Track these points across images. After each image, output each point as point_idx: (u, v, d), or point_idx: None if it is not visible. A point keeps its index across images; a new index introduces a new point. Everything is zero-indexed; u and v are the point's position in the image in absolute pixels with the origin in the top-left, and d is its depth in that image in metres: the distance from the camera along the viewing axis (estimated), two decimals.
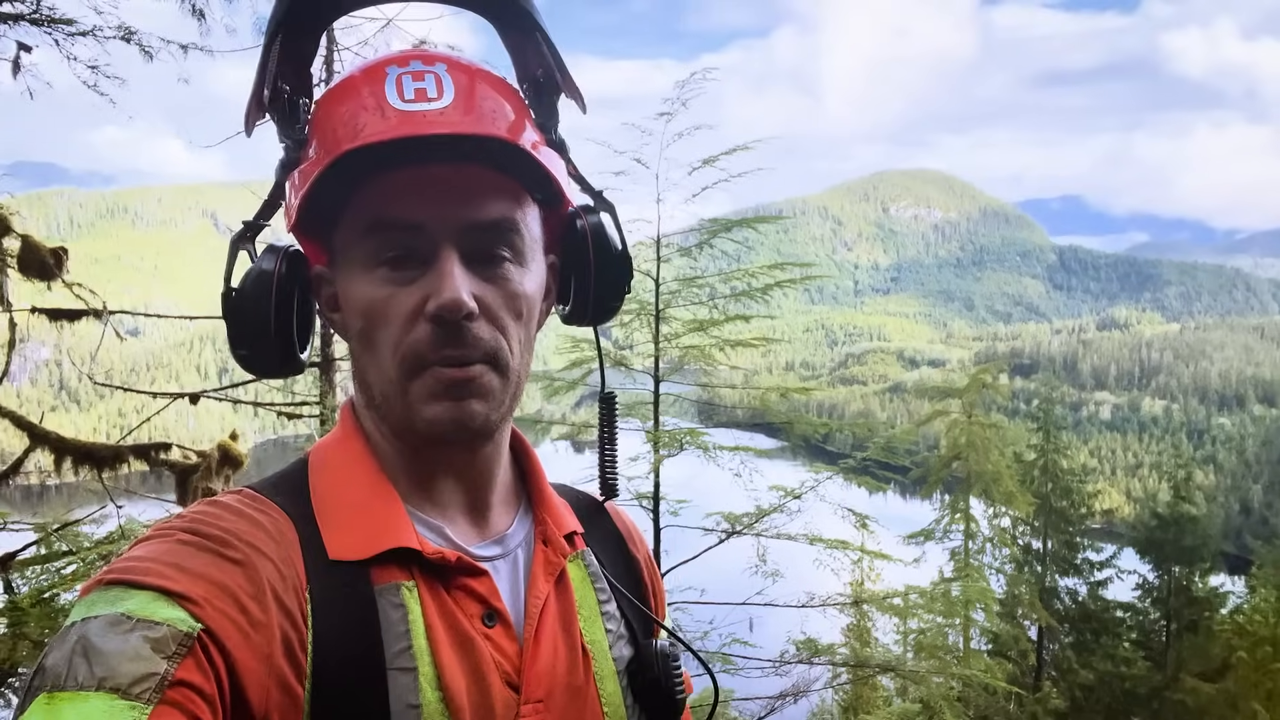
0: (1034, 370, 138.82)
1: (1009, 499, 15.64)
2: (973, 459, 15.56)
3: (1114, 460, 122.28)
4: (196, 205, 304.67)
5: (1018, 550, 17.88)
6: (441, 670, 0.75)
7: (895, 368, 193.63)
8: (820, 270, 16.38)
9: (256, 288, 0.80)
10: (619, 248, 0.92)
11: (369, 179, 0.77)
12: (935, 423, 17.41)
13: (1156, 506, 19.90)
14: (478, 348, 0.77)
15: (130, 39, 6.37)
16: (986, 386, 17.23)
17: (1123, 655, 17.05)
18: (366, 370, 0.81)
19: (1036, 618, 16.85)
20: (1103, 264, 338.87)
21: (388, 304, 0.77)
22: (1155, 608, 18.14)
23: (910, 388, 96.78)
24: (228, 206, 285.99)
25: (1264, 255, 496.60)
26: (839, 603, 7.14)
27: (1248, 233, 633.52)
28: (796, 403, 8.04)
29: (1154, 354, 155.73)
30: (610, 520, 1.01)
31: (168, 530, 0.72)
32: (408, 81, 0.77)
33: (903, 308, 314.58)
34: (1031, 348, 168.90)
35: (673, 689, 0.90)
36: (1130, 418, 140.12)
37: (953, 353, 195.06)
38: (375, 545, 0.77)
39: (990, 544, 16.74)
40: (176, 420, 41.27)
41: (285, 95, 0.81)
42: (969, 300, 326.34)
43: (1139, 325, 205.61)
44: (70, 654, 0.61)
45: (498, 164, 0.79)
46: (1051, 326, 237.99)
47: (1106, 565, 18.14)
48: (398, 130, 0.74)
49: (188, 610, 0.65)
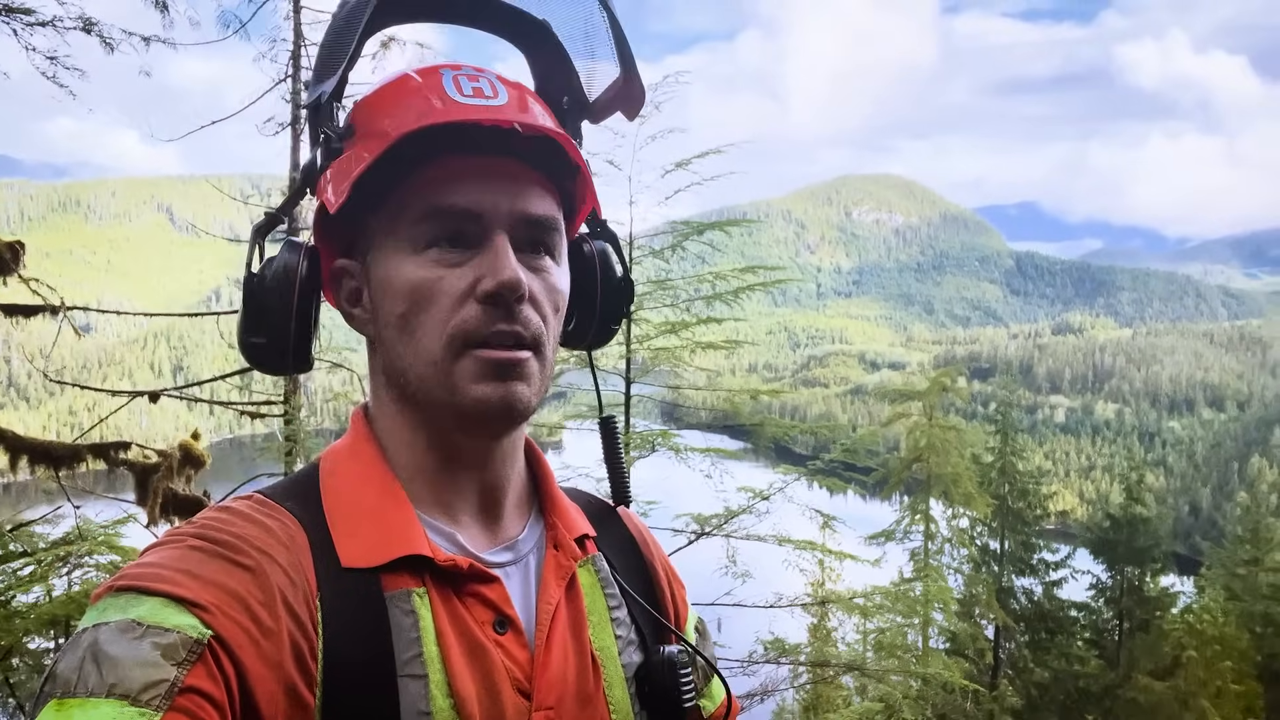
0: (991, 374, 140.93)
1: (968, 500, 15.86)
2: (933, 461, 15.76)
3: (1068, 462, 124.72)
4: (152, 199, 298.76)
5: (975, 550, 18.12)
6: (453, 677, 0.75)
7: (857, 370, 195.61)
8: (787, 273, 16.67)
9: (281, 282, 0.80)
10: (622, 275, 0.94)
11: (423, 165, 0.78)
12: (896, 425, 17.63)
13: (1109, 508, 20.31)
14: (528, 328, 0.78)
15: (91, 30, 6.23)
16: (946, 389, 17.47)
17: (1077, 654, 17.36)
18: (402, 355, 0.80)
19: (994, 617, 17.09)
20: (1058, 270, 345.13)
21: (437, 284, 0.77)
22: (1108, 607, 18.48)
23: (871, 390, 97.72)
24: (183, 201, 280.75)
25: (1213, 263, 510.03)
26: (807, 603, 7.19)
27: (1198, 241, 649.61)
28: (760, 405, 8.10)
29: (1107, 359, 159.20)
30: (623, 525, 1.01)
31: (179, 536, 0.72)
32: (464, 80, 0.80)
33: (864, 311, 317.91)
34: (989, 351, 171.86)
35: (680, 696, 0.89)
36: (1084, 421, 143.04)
37: (913, 356, 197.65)
38: (387, 552, 0.77)
39: (949, 544, 16.95)
40: (129, 419, 40.39)
41: (323, 93, 0.82)
42: (929, 304, 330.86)
43: (1093, 330, 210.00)
44: (81, 660, 0.61)
45: (543, 167, 0.81)
46: (1008, 331, 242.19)
47: (1061, 565, 18.43)
48: (465, 114, 0.76)
49: (198, 617, 0.65)
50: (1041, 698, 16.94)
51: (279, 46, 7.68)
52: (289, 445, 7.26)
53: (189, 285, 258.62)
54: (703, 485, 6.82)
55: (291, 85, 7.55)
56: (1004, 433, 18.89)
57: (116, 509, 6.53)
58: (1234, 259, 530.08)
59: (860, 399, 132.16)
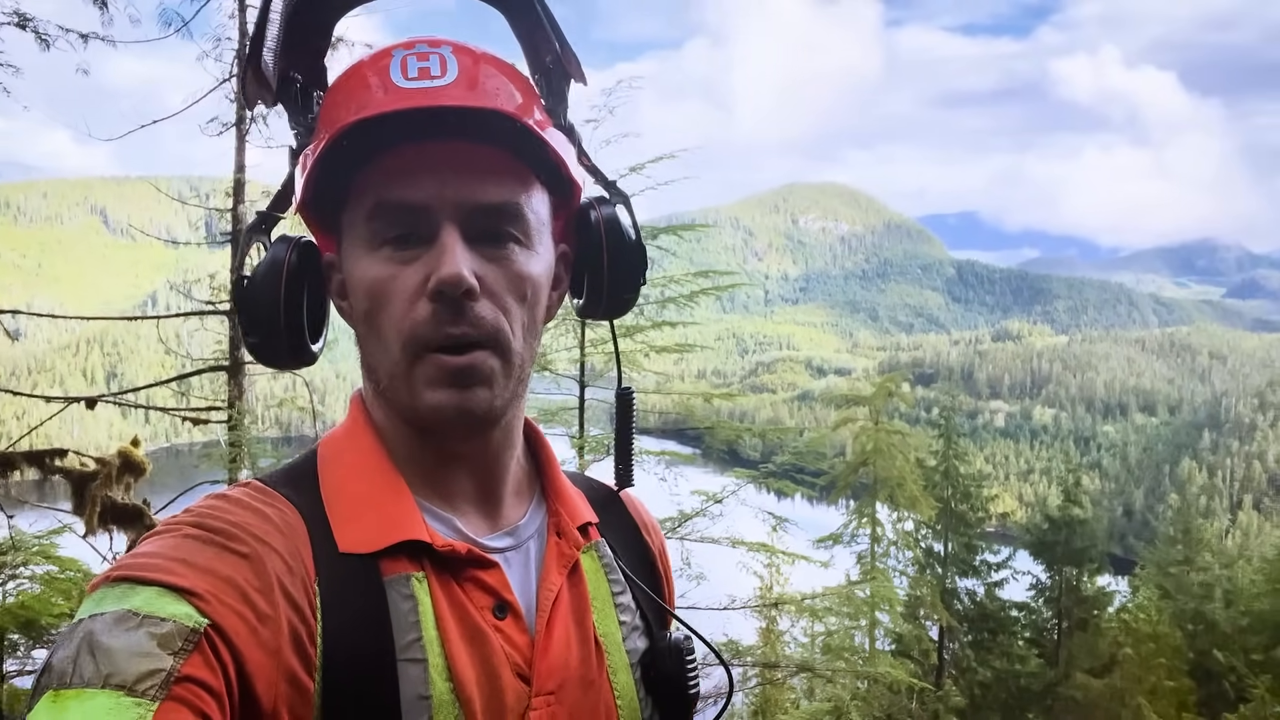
0: (934, 379, 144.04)
1: (913, 503, 16.10)
2: (879, 465, 15.99)
3: (1007, 466, 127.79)
4: (84, 201, 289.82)
5: (920, 553, 18.42)
6: (452, 661, 0.75)
7: (803, 376, 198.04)
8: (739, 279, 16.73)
9: (268, 276, 0.80)
10: (633, 239, 0.91)
11: (371, 159, 0.77)
12: (842, 430, 17.85)
13: (1048, 510, 20.78)
14: (479, 327, 0.76)
15: (26, 26, 6.06)
16: (892, 395, 17.74)
17: (1018, 653, 17.69)
18: (372, 354, 0.81)
19: (938, 618, 17.37)
20: (997, 278, 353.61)
21: (390, 283, 0.76)
22: (1047, 607, 18.88)
23: (818, 396, 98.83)
24: (118, 203, 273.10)
25: (1145, 272, 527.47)
26: (760, 605, 7.25)
27: (1130, 250, 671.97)
28: (711, 409, 8.17)
29: (1044, 365, 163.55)
30: (625, 510, 1.01)
31: (174, 525, 0.71)
32: (412, 61, 0.76)
33: (811, 317, 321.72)
34: (932, 357, 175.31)
35: (686, 682, 0.89)
36: (1022, 425, 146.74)
37: (858, 362, 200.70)
38: (386, 537, 0.77)
39: (894, 547, 17.21)
40: (60, 428, 39.10)
41: (298, 84, 0.81)
42: (874, 311, 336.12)
43: (1030, 337, 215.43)
44: (76, 651, 0.60)
45: (503, 145, 0.78)
46: (950, 337, 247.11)
47: (1003, 566, 18.80)
48: (395, 104, 0.74)
49: (195, 606, 0.64)
50: (984, 697, 17.25)
51: (223, 45, 7.54)
52: (234, 452, 7.11)
53: (124, 289, 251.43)
54: (657, 489, 6.84)
55: (236, 85, 7.41)
56: (947, 437, 19.23)
57: (51, 519, 6.32)
58: (1164, 269, 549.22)
59: (807, 404, 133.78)
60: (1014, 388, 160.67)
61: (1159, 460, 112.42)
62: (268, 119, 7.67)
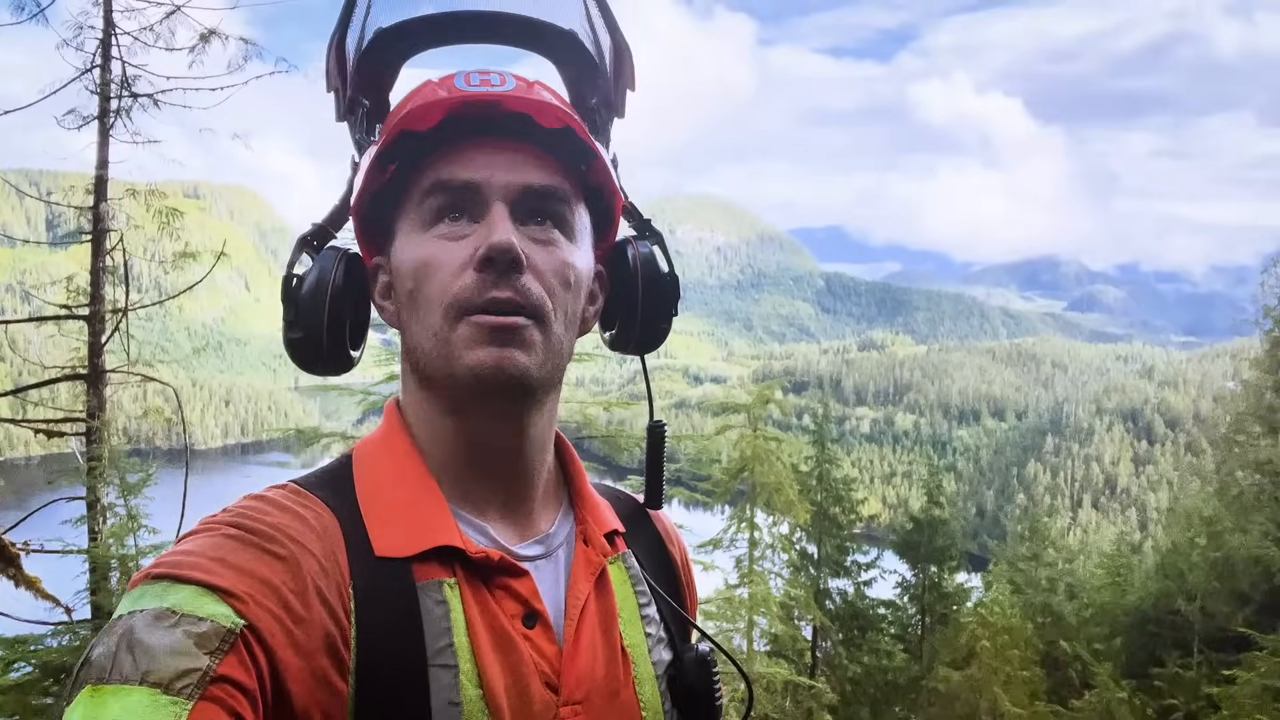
0: (805, 387, 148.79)
1: (789, 507, 16.52)
2: (758, 470, 16.36)
3: (873, 469, 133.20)
4: None
5: (796, 555, 18.92)
6: (482, 669, 0.75)
7: (681, 384, 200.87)
8: None
9: (316, 284, 0.82)
10: (666, 273, 0.93)
11: (430, 155, 0.81)
12: (720, 438, 18.18)
13: (912, 511, 21.72)
14: (525, 297, 0.78)
15: None
16: (769, 402, 18.21)
17: (885, 649, 18.39)
18: (415, 333, 0.82)
19: (812, 618, 17.88)
20: (863, 290, 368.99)
21: (439, 257, 0.79)
22: (912, 604, 19.67)
23: (695, 403, 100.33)
24: None
25: (995, 286, 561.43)
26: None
27: (982, 265, 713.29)
28: (588, 418, 8.16)
29: (905, 373, 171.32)
30: (650, 522, 1.02)
31: (213, 525, 0.72)
32: (474, 75, 0.82)
33: (688, 326, 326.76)
34: (803, 366, 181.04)
35: (712, 695, 0.90)
36: (886, 430, 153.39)
37: (734, 370, 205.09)
38: (420, 542, 0.78)
39: (771, 550, 17.64)
40: None
41: (364, 109, 0.86)
42: (748, 321, 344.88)
43: (893, 347, 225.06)
44: (116, 647, 0.61)
45: (555, 154, 0.83)
46: (820, 347, 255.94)
47: (871, 566, 19.48)
48: (459, 98, 0.79)
49: (232, 606, 0.65)
50: (855, 692, 17.86)
51: (85, 34, 7.08)
52: (93, 465, 6.67)
53: None
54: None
55: (100, 76, 6.97)
56: (820, 443, 19.86)
57: None
58: (1012, 283, 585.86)
59: (684, 412, 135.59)
60: (878, 395, 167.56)
61: (1008, 463, 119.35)
62: (131, 113, 7.27)
